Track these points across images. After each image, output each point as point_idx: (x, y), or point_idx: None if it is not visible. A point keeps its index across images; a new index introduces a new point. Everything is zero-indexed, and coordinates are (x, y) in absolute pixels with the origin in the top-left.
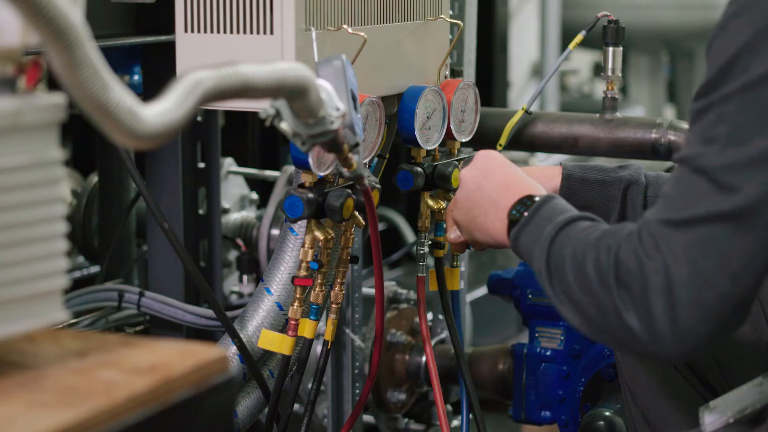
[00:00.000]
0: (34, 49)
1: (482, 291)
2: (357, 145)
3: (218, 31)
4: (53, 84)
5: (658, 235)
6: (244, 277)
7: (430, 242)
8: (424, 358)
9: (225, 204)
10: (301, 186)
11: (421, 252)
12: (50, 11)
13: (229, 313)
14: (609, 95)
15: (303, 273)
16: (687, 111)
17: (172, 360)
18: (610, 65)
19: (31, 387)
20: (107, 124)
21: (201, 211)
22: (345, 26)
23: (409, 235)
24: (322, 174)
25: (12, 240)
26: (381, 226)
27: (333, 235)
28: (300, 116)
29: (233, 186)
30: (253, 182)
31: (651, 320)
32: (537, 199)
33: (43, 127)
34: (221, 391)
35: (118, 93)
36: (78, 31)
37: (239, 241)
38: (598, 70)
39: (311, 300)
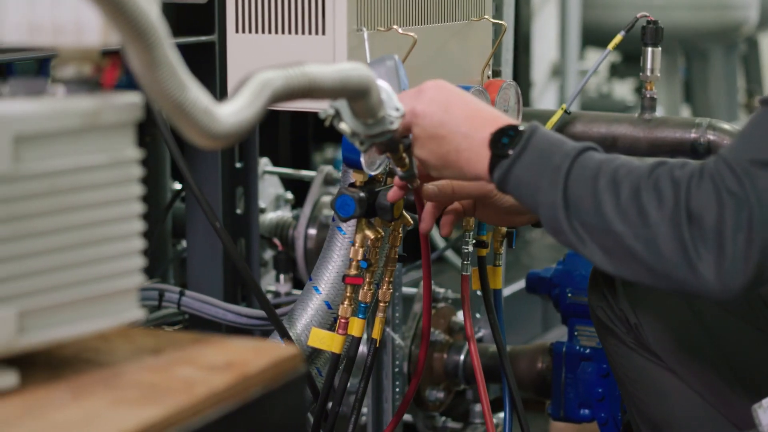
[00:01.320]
0: (109, 49)
1: (507, 291)
2: (411, 144)
3: (270, 32)
4: None
5: (742, 173)
6: (281, 276)
7: (474, 241)
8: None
9: (261, 204)
10: (352, 185)
11: (466, 250)
12: (133, 11)
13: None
14: (648, 95)
15: (353, 272)
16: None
17: (247, 357)
18: (649, 65)
19: (111, 384)
20: (183, 124)
21: (239, 211)
22: (395, 26)
23: (437, 236)
24: (372, 173)
25: (90, 238)
26: None
27: (383, 234)
28: (360, 116)
29: (269, 186)
30: (284, 182)
31: (722, 257)
32: (522, 128)
33: (120, 127)
34: (294, 388)
35: (195, 93)
36: (158, 31)
37: (276, 241)
38: (615, 70)
39: (359, 299)
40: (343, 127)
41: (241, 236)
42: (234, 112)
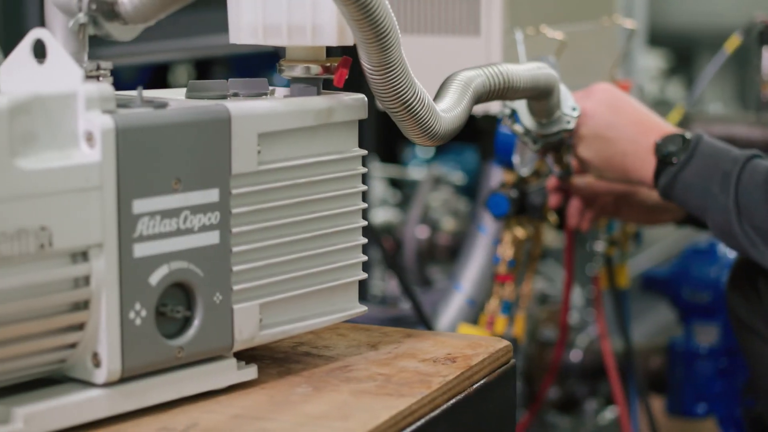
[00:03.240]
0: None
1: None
2: (572, 143)
3: (422, 33)
4: None
5: None
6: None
7: (607, 240)
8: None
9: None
10: (503, 185)
11: (598, 251)
12: (379, 13)
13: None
14: (766, 98)
15: (503, 270)
16: None
17: (465, 351)
18: (766, 67)
19: (344, 377)
20: (408, 123)
21: None
22: (544, 27)
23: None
24: (525, 173)
25: (323, 233)
26: None
27: (530, 232)
28: (536, 115)
29: (375, 185)
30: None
31: None
32: (688, 135)
33: (348, 125)
34: (508, 380)
35: (422, 92)
36: (396, 33)
37: (387, 241)
38: (669, 71)
39: (504, 296)
40: (517, 127)
41: None
42: (446, 110)
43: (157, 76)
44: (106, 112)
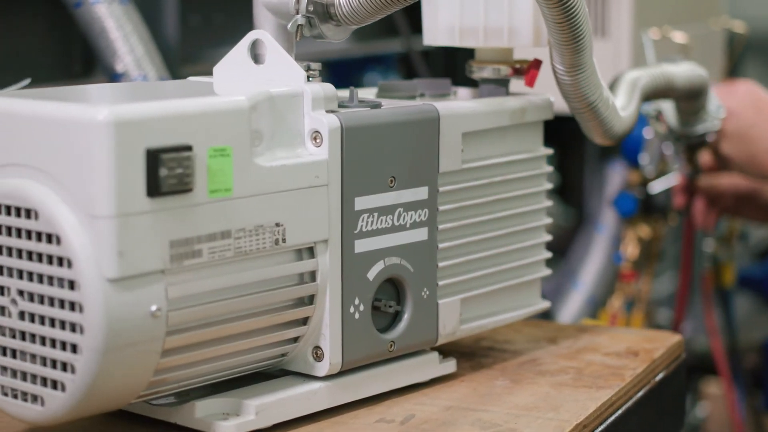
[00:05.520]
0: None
1: None
2: (712, 141)
3: None
4: None
5: None
6: None
7: (716, 240)
8: None
9: None
10: (629, 185)
11: (707, 251)
12: (580, 17)
13: None
14: None
15: (626, 267)
16: None
17: (644, 345)
18: None
19: (537, 370)
20: (591, 122)
21: None
22: (668, 29)
23: None
24: (651, 173)
25: (515, 230)
26: None
27: (653, 232)
28: (682, 115)
29: None
30: None
31: None
32: None
33: (536, 125)
34: (680, 373)
35: (607, 94)
36: (590, 36)
37: None
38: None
39: (625, 293)
40: (662, 127)
41: None
42: (620, 109)
43: None
44: (329, 112)
